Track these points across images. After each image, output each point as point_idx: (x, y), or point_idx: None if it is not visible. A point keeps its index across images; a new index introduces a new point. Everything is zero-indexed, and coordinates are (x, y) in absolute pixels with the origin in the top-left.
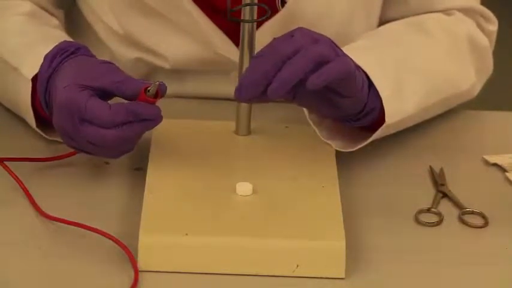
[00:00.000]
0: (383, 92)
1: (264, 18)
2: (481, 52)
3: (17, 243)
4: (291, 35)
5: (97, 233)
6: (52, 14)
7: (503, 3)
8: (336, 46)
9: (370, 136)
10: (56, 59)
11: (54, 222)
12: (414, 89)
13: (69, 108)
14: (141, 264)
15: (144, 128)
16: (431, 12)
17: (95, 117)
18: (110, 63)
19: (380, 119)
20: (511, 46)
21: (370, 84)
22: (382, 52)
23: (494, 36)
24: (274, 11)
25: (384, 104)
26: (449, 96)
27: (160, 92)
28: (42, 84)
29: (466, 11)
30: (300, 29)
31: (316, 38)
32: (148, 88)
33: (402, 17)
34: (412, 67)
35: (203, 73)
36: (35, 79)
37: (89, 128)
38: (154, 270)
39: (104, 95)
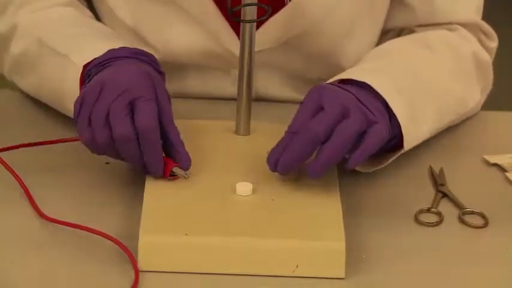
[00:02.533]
0: (402, 121)
1: (264, 18)
2: (485, 69)
3: (17, 243)
4: (319, 104)
5: (97, 234)
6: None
7: (504, 3)
8: (367, 109)
9: (384, 157)
10: (137, 54)
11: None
12: (428, 114)
13: (134, 84)
14: (141, 264)
15: (134, 161)
16: (435, 23)
17: (142, 111)
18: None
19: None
20: (511, 46)
21: (388, 111)
22: (397, 76)
23: (494, 53)
24: (282, 4)
25: (403, 133)
26: (458, 116)
27: (175, 177)
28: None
29: (470, 27)
30: (327, 95)
31: (346, 107)
32: (175, 169)
33: (407, 26)
34: (425, 90)
35: (204, 70)
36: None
37: (123, 119)
38: (154, 270)
39: None
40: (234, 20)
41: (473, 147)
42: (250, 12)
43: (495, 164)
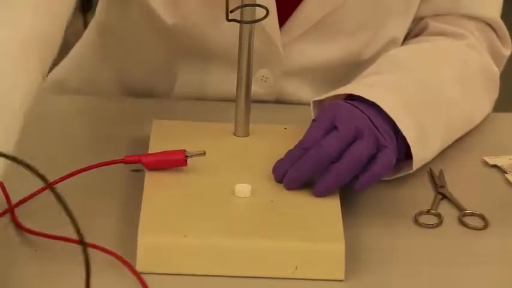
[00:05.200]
0: (412, 143)
1: (263, 18)
2: (493, 81)
3: (14, 244)
4: (333, 122)
5: (74, 243)
6: None
7: (504, 1)
8: (379, 132)
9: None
10: None
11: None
12: (437, 133)
13: None
14: (140, 265)
15: None
16: (455, 14)
17: None
18: None
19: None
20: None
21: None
22: (406, 94)
23: (504, 62)
24: None
25: (412, 154)
26: (465, 132)
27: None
28: None
29: (486, 30)
30: (341, 114)
31: (360, 130)
32: (187, 153)
33: (425, 15)
34: (435, 109)
35: (228, 68)
36: None
37: None
38: (153, 272)
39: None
40: (232, 21)
41: (473, 148)
42: (249, 13)
43: (495, 166)
